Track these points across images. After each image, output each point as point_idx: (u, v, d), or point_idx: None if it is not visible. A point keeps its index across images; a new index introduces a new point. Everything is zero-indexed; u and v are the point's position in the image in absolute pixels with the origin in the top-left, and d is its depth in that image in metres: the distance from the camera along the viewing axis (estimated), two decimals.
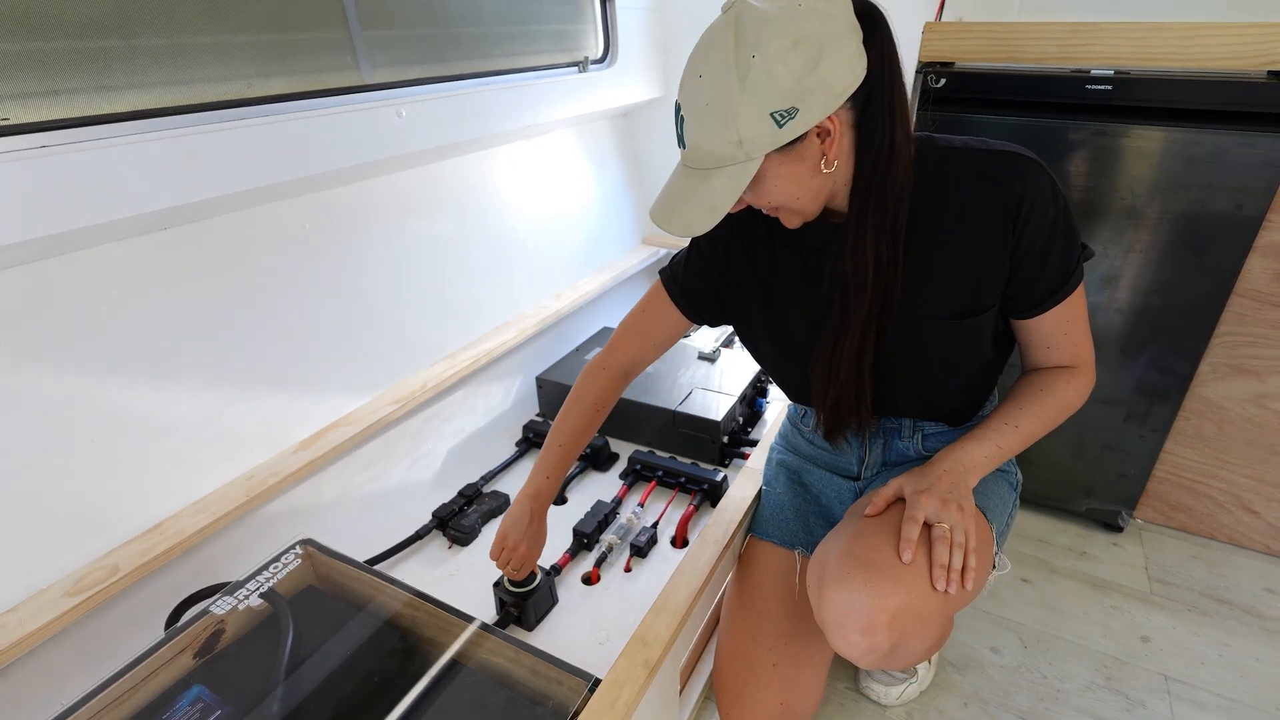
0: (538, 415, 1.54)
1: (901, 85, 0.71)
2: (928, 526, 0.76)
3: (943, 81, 1.23)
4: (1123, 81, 1.10)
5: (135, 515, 0.94)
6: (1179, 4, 1.30)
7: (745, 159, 0.67)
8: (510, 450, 1.42)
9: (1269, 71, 1.06)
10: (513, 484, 1.33)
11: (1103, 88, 1.11)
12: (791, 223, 0.78)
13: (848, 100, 0.67)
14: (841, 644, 0.74)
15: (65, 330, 0.86)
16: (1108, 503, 1.42)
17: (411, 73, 1.21)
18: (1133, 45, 1.12)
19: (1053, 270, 0.77)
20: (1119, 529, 1.44)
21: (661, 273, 0.97)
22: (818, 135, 0.68)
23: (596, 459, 1.37)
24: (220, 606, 0.86)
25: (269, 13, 0.96)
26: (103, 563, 0.88)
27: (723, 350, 1.59)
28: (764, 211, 0.78)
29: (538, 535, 0.97)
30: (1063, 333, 0.82)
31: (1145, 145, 1.12)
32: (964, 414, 0.93)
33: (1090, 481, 1.42)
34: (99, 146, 0.78)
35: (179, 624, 0.86)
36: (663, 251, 2.10)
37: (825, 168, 0.71)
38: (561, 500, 1.28)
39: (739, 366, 1.51)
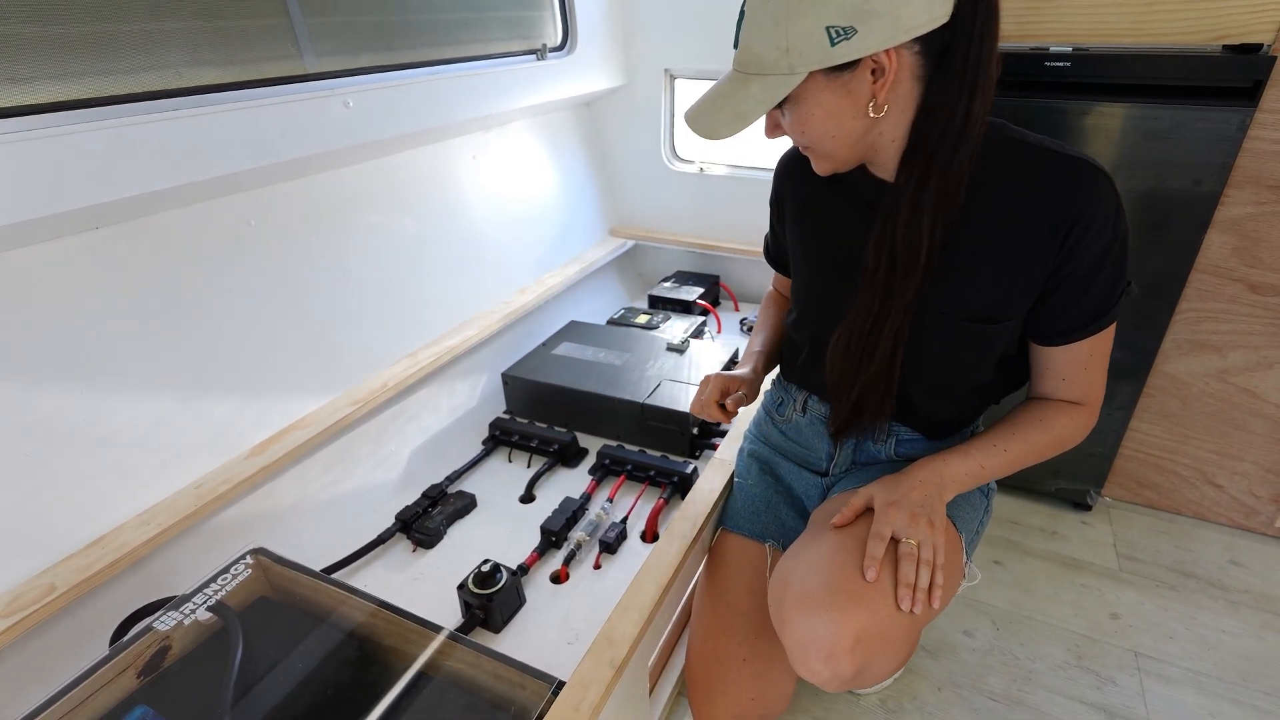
0: (505, 413, 1.51)
1: (993, 50, 0.63)
2: (894, 542, 0.73)
3: None
4: (1081, 58, 1.10)
5: (75, 530, 0.90)
6: None
7: (788, 71, 0.63)
8: (477, 449, 1.39)
9: (1224, 45, 1.06)
10: (478, 483, 1.30)
11: (1061, 64, 1.10)
12: (820, 167, 0.74)
13: (916, 44, 0.62)
14: (804, 672, 0.71)
15: None
16: (1076, 482, 1.43)
17: (358, 61, 1.16)
18: (1090, 21, 1.12)
19: (1091, 301, 0.71)
20: (1088, 507, 1.45)
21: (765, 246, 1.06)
22: (871, 70, 0.63)
23: (564, 455, 1.34)
24: (165, 622, 0.82)
25: None
26: (38, 581, 0.84)
27: (692, 341, 1.57)
28: (798, 146, 0.73)
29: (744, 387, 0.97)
30: (1082, 368, 0.77)
31: (1105, 121, 1.12)
32: (943, 430, 0.89)
33: (1059, 461, 1.42)
34: (9, 141, 0.74)
35: (122, 641, 0.82)
36: (631, 243, 2.07)
37: (873, 111, 0.65)
38: (529, 498, 1.26)
39: (709, 357, 1.50)
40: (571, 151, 1.87)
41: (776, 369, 1.06)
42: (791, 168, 0.90)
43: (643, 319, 1.75)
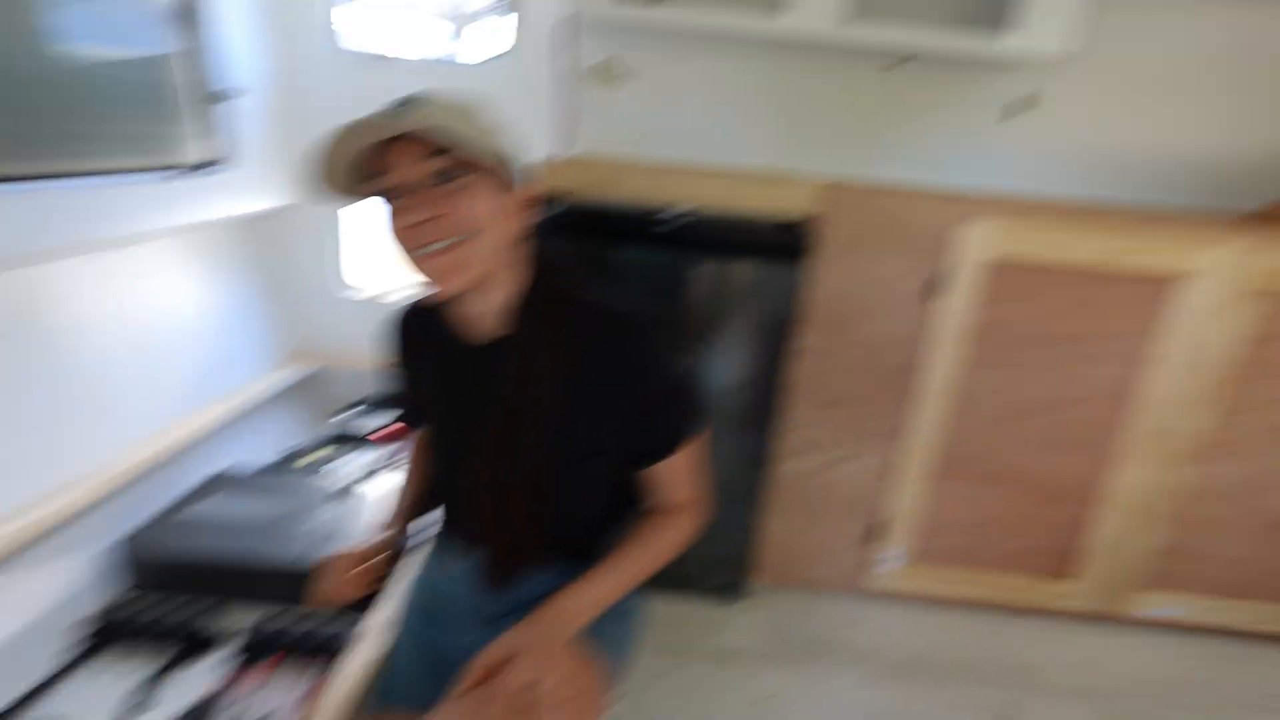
0: (123, 593, 1.23)
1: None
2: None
3: (554, 211, 1.34)
4: (681, 220, 1.32)
5: None
6: (751, 149, 1.65)
7: (483, 149, 0.70)
8: (74, 650, 1.10)
9: (775, 223, 1.35)
10: (71, 700, 1.02)
11: (666, 225, 1.32)
12: (452, 279, 0.74)
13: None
14: None
15: None
16: (730, 575, 1.62)
17: None
18: (695, 189, 1.36)
19: (667, 427, 0.84)
20: (743, 597, 1.64)
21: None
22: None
23: (196, 641, 1.12)
24: None
25: None
26: None
27: (364, 483, 1.46)
28: (433, 247, 0.72)
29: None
30: (680, 477, 0.88)
31: (705, 271, 1.36)
32: (581, 556, 0.92)
33: (712, 559, 1.61)
34: None
35: None
36: (319, 367, 1.91)
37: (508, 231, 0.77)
38: (145, 709, 1.02)
39: (378, 501, 1.40)
40: (232, 273, 1.69)
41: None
42: (405, 326, 0.95)
43: (316, 455, 1.60)
